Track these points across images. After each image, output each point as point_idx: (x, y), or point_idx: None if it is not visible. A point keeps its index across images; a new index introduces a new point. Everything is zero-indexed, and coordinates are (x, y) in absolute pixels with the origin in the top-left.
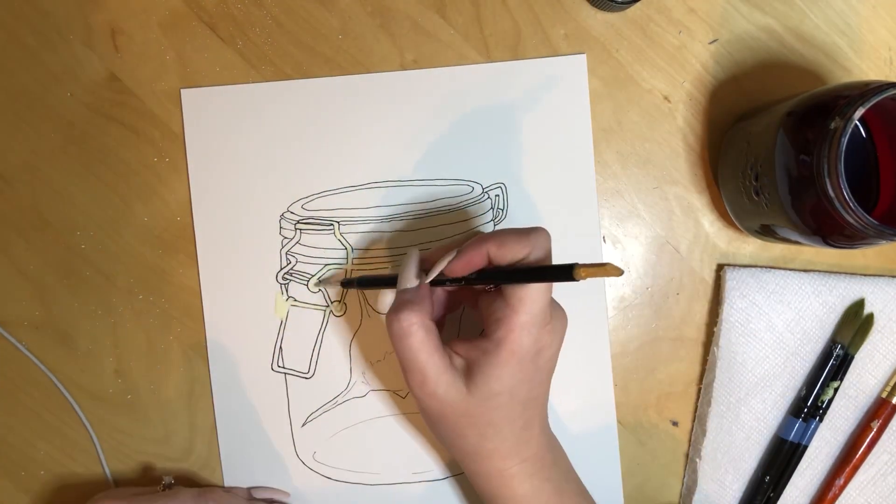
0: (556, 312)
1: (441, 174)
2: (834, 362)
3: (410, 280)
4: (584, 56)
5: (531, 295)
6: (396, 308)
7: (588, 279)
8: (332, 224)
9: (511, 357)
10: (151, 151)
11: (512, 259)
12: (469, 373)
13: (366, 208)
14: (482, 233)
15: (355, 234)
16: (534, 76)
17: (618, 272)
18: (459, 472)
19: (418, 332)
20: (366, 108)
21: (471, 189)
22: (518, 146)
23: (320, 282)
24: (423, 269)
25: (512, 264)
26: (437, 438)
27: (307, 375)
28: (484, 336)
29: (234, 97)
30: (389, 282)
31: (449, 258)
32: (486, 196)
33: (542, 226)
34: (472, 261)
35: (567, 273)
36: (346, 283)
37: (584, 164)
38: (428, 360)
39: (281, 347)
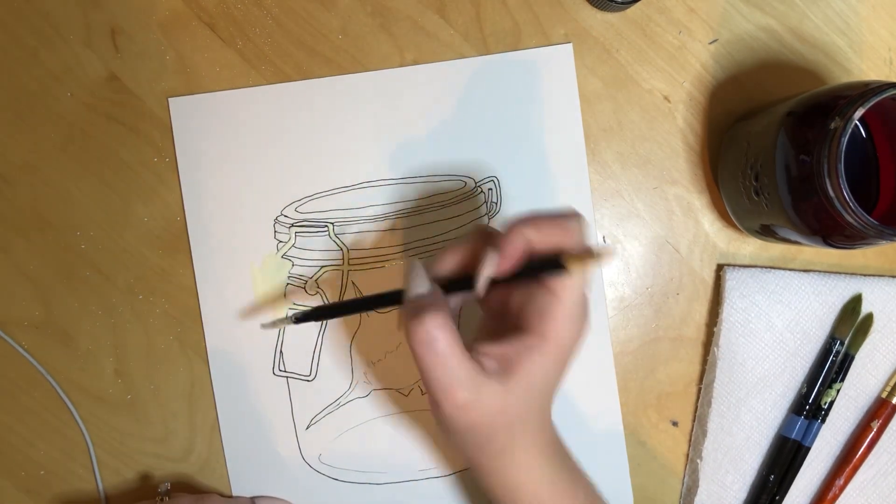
0: (586, 301)
1: (433, 170)
2: (833, 359)
3: (422, 284)
4: (570, 45)
5: (575, 285)
6: (416, 312)
7: (581, 268)
8: (326, 226)
9: (557, 349)
10: (151, 151)
11: (552, 244)
12: (508, 370)
13: (359, 208)
14: (485, 227)
15: (350, 235)
16: (521, 67)
17: (610, 254)
18: (466, 467)
19: (444, 337)
20: (352, 109)
21: (463, 184)
22: (508, 138)
23: (273, 323)
24: (435, 277)
25: (551, 250)
26: (453, 445)
27: (309, 378)
28: (522, 330)
29: (222, 103)
30: (359, 305)
31: (493, 259)
32: (479, 190)
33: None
34: (516, 255)
35: (558, 265)
36: (301, 319)
37: (575, 153)
38: (458, 366)
39: (281, 351)
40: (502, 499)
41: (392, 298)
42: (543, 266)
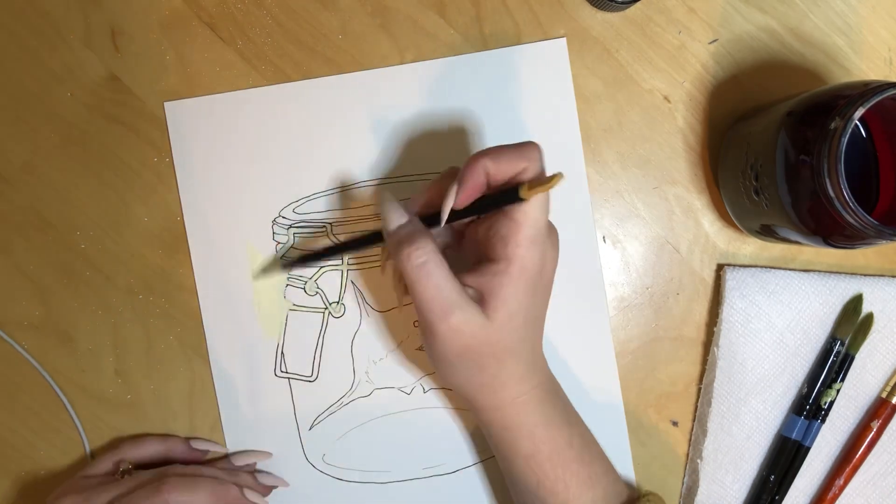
0: (551, 227)
1: (430, 168)
2: (834, 359)
3: (401, 216)
4: (563, 40)
5: (534, 208)
6: (408, 239)
7: (533, 195)
8: (324, 226)
9: (523, 273)
10: (151, 151)
11: (510, 174)
12: (484, 300)
13: (356, 208)
14: (453, 167)
15: (348, 235)
16: (515, 62)
17: (560, 178)
18: (469, 464)
19: (435, 262)
20: (349, 109)
21: None
22: (505, 133)
23: (262, 271)
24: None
25: (509, 179)
26: (447, 379)
27: (311, 379)
28: (490, 260)
29: (218, 105)
30: (339, 249)
31: (454, 192)
32: None
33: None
34: (475, 186)
35: (514, 195)
36: (287, 265)
37: (572, 146)
38: (450, 289)
39: (283, 353)
40: (499, 437)
41: (374, 238)
42: (501, 198)
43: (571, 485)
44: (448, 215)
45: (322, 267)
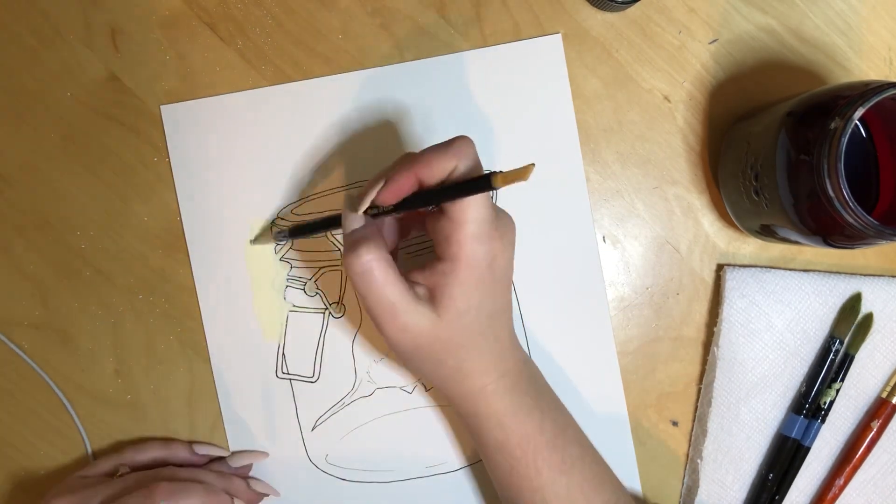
0: (501, 219)
1: None
2: (833, 358)
3: (357, 220)
4: (559, 35)
5: (473, 206)
6: (352, 247)
7: (507, 186)
8: None
9: (469, 271)
10: (151, 151)
11: (441, 175)
12: (433, 298)
13: None
14: (408, 154)
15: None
16: (511, 59)
17: (532, 168)
18: (473, 462)
19: (379, 267)
20: (346, 109)
21: None
22: (502, 132)
23: (256, 239)
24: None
25: (442, 181)
26: (413, 373)
27: (312, 379)
28: (438, 259)
29: (216, 108)
30: (325, 224)
31: (377, 188)
32: None
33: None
34: (401, 187)
35: (486, 183)
36: (279, 236)
37: (569, 143)
38: (393, 292)
39: (284, 354)
40: (470, 425)
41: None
42: (473, 187)
43: (543, 470)
44: (389, 208)
45: (322, 268)
